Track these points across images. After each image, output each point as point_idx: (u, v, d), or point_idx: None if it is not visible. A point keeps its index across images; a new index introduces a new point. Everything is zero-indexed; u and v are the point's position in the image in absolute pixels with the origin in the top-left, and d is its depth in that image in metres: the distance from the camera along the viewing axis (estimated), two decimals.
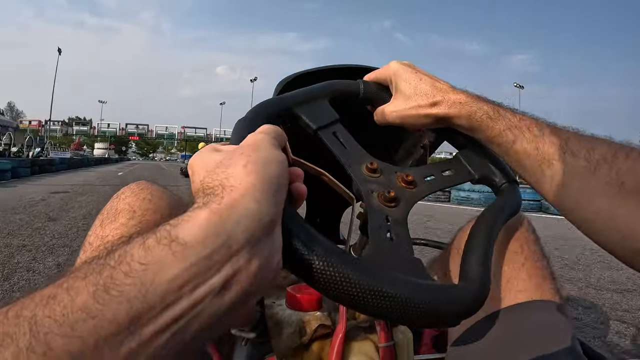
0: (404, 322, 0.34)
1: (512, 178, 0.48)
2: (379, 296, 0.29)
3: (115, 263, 0.21)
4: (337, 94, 0.50)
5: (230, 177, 0.26)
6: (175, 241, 0.22)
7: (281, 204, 0.27)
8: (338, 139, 0.46)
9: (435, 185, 0.45)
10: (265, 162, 0.27)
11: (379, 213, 0.40)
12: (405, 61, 0.52)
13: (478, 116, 0.46)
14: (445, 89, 0.49)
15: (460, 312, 0.32)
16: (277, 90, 0.62)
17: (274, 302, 0.76)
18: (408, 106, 0.49)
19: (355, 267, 0.29)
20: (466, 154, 0.51)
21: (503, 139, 0.45)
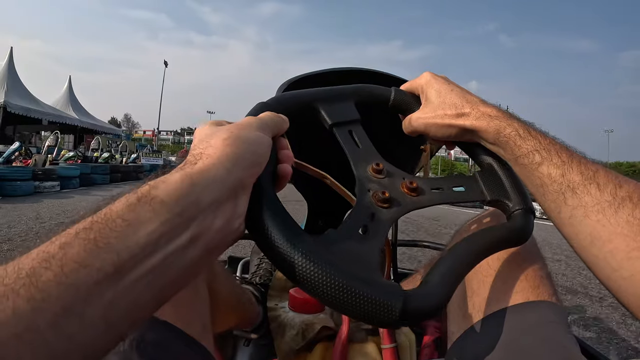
0: (332, 306, 0.32)
1: (529, 206, 0.45)
2: (301, 270, 0.30)
3: (103, 220, 0.23)
4: (366, 97, 0.51)
5: (210, 147, 0.30)
6: (154, 199, 0.25)
7: (252, 176, 0.31)
8: (352, 138, 0.47)
9: (441, 198, 0.45)
10: (245, 139, 0.31)
11: (365, 209, 0.41)
12: (440, 74, 0.52)
13: (507, 132, 0.44)
14: (476, 101, 0.48)
15: (382, 315, 0.30)
16: (280, 90, 0.62)
17: (277, 305, 0.77)
18: (434, 114, 0.48)
19: (296, 239, 0.31)
20: (485, 174, 0.48)
21: (529, 160, 0.43)
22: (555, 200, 0.40)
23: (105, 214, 0.24)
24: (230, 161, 0.29)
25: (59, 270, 0.20)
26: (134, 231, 0.23)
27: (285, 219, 0.32)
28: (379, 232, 0.38)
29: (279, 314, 0.73)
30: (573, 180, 0.39)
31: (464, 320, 0.50)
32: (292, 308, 0.74)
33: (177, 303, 0.42)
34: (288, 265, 0.30)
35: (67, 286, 0.20)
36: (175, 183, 0.26)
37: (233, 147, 0.30)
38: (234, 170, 0.29)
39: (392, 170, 0.45)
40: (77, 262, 0.21)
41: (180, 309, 0.43)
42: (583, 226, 0.38)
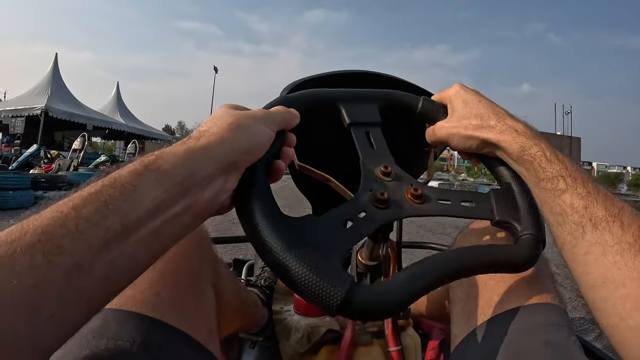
0: (284, 283, 0.33)
1: (540, 234, 0.42)
2: (262, 243, 0.32)
3: (112, 184, 0.26)
4: (393, 102, 0.51)
5: (215, 127, 0.33)
6: (159, 169, 0.28)
7: (246, 162, 0.34)
8: (369, 139, 0.47)
9: (444, 210, 0.43)
10: (246, 128, 0.34)
11: (357, 205, 0.41)
12: (471, 87, 0.51)
13: (532, 151, 0.42)
14: (503, 115, 0.46)
15: (324, 301, 0.31)
16: (284, 91, 0.62)
17: (282, 308, 0.77)
18: (459, 124, 0.47)
19: (269, 216, 0.33)
20: (500, 194, 0.46)
21: (553, 185, 0.40)
22: (573, 232, 0.37)
23: (114, 179, 0.26)
24: (228, 144, 0.32)
25: (74, 227, 0.23)
26: (139, 196, 0.26)
27: (267, 200, 0.34)
28: (362, 229, 0.38)
29: (284, 317, 0.74)
30: (596, 214, 0.36)
31: (467, 323, 0.50)
32: (297, 311, 0.75)
33: (183, 307, 0.43)
34: (257, 237, 0.32)
35: (80, 242, 0.22)
36: (178, 156, 0.29)
37: (234, 132, 0.33)
38: (230, 152, 0.32)
39: (401, 175, 0.45)
40: (89, 220, 0.23)
41: (186, 313, 0.43)
42: (597, 265, 0.35)
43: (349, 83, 0.54)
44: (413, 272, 0.35)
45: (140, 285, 0.40)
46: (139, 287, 0.40)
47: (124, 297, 0.39)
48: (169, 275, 0.43)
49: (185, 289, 0.44)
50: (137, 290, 0.40)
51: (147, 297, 0.40)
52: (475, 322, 0.48)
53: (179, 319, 0.42)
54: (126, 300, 0.39)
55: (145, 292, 0.40)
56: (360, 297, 0.31)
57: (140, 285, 0.40)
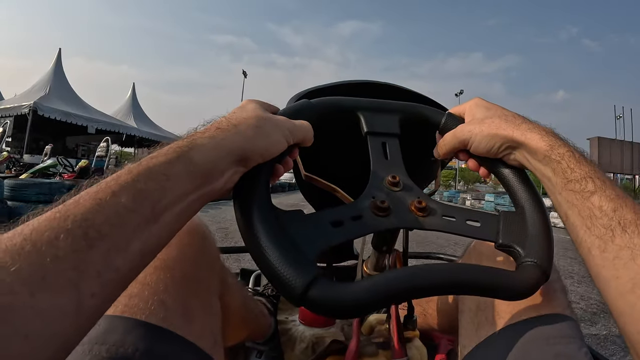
0: (259, 267, 0.34)
1: (544, 265, 0.40)
2: (245, 226, 0.35)
3: (147, 173, 0.28)
4: (414, 116, 0.51)
5: (244, 124, 0.36)
6: (191, 161, 0.31)
7: (256, 162, 0.37)
8: (384, 149, 0.48)
9: (447, 227, 0.43)
10: (268, 136, 0.37)
11: (353, 209, 0.41)
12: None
13: (562, 150, 0.41)
14: (528, 119, 0.45)
15: (285, 289, 0.32)
16: (292, 100, 0.63)
17: (287, 318, 0.77)
18: (481, 123, 0.46)
19: (259, 203, 0.35)
20: (512, 217, 0.44)
21: (582, 187, 0.38)
22: (602, 236, 0.36)
23: (149, 167, 0.29)
24: (250, 145, 0.35)
25: (112, 214, 0.25)
26: (171, 186, 0.29)
27: (262, 194, 0.37)
28: (352, 231, 0.39)
29: (289, 328, 0.73)
30: (625, 217, 0.36)
31: (476, 334, 0.49)
32: (302, 321, 0.74)
33: (189, 316, 0.43)
34: (243, 221, 0.35)
35: (118, 227, 0.25)
36: (208, 149, 0.32)
37: (257, 137, 0.36)
38: (249, 152, 0.35)
39: (410, 186, 0.45)
40: (126, 207, 0.26)
41: (192, 322, 0.43)
42: (627, 269, 0.34)
43: (358, 93, 0.54)
44: (383, 278, 0.35)
45: (146, 294, 0.41)
46: (144, 295, 0.40)
47: (130, 305, 0.39)
48: (175, 285, 0.43)
49: (192, 298, 0.44)
50: (143, 299, 0.40)
51: (153, 305, 0.40)
52: (485, 333, 0.48)
53: (185, 327, 0.42)
54: (132, 308, 0.39)
55: (150, 300, 0.40)
56: (319, 291, 0.32)
57: (146, 293, 0.41)
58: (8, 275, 0.20)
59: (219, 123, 0.36)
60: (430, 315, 0.77)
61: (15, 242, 0.21)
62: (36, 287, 0.21)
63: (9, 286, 0.20)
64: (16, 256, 0.21)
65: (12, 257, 0.21)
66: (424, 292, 0.36)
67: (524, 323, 0.45)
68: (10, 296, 0.20)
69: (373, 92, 0.55)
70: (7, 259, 0.21)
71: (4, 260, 0.20)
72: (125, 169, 0.28)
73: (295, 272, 0.32)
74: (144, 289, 0.41)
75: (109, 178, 0.27)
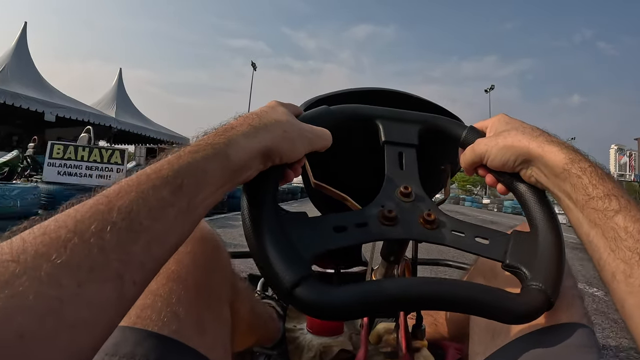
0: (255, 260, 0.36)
1: (549, 290, 0.38)
2: (247, 222, 0.36)
3: (188, 169, 0.29)
4: (435, 127, 0.51)
5: (274, 127, 0.37)
6: (227, 157, 0.32)
7: (274, 162, 0.38)
8: (400, 159, 0.47)
9: (454, 242, 0.42)
10: (294, 143, 0.39)
11: (359, 216, 0.41)
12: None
13: (584, 165, 0.38)
14: (546, 132, 0.43)
15: (275, 284, 0.33)
16: (307, 104, 0.63)
17: (295, 326, 0.77)
18: (498, 136, 0.44)
19: (265, 203, 0.37)
20: (524, 237, 0.43)
21: (605, 205, 0.36)
22: (628, 260, 0.33)
23: (189, 163, 0.30)
24: (275, 149, 0.37)
25: (155, 207, 0.26)
26: (207, 180, 0.30)
27: (269, 193, 0.38)
28: (354, 237, 0.39)
29: (297, 336, 0.73)
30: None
31: (492, 341, 0.48)
32: (310, 330, 0.74)
33: (202, 328, 0.43)
34: (247, 213, 0.37)
35: (159, 220, 0.26)
36: (243, 148, 0.33)
37: (283, 141, 0.37)
38: (274, 154, 0.37)
39: (422, 198, 0.45)
40: (166, 200, 0.27)
41: (205, 334, 0.43)
42: None
43: (368, 100, 0.54)
44: (374, 286, 0.35)
45: (159, 305, 0.41)
46: (157, 307, 0.41)
47: (142, 317, 0.39)
48: (188, 296, 0.43)
49: (204, 309, 0.45)
50: (155, 310, 0.40)
51: (165, 317, 0.40)
52: (500, 341, 0.47)
53: (197, 339, 0.42)
54: (144, 320, 0.39)
55: (163, 312, 0.40)
56: (306, 289, 0.33)
57: (159, 305, 0.41)
58: (54, 267, 0.20)
59: (252, 120, 0.37)
60: (440, 324, 0.76)
61: (60, 235, 0.22)
62: (84, 278, 0.21)
63: (56, 278, 0.20)
64: (62, 249, 0.21)
65: (57, 249, 0.21)
66: (413, 305, 0.36)
67: (541, 332, 0.44)
68: (58, 288, 0.20)
69: (390, 101, 0.55)
70: (52, 251, 0.21)
71: (48, 253, 0.21)
72: (165, 161, 0.29)
73: (286, 268, 0.33)
74: (156, 300, 0.41)
75: (150, 170, 0.28)
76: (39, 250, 0.21)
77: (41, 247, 0.21)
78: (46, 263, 0.20)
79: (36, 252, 0.21)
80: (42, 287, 0.20)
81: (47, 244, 0.21)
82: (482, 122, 0.51)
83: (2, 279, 0.19)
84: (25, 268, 0.20)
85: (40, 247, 0.21)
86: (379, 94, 0.62)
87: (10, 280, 0.19)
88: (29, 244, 0.21)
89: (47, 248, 0.21)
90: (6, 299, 0.18)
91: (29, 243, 0.21)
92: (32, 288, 0.19)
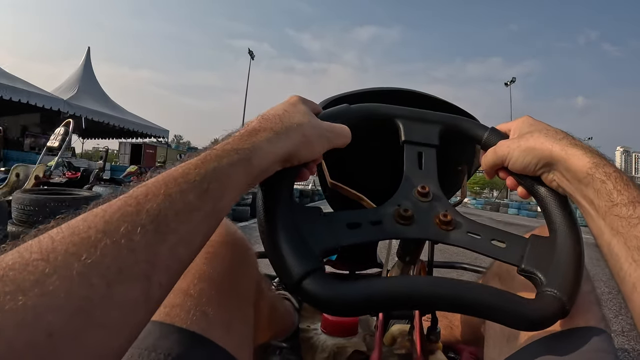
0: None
1: (565, 298, 0.37)
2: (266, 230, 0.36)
3: (215, 175, 0.30)
4: (456, 128, 0.51)
5: (294, 131, 0.38)
6: (251, 164, 0.33)
7: (293, 164, 0.39)
8: (419, 159, 0.47)
9: (469, 244, 0.41)
10: (314, 146, 0.39)
11: (375, 214, 0.41)
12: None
13: (607, 170, 0.37)
14: (570, 135, 0.42)
15: (284, 275, 0.34)
16: (325, 102, 0.63)
17: (309, 326, 0.77)
18: (520, 138, 0.44)
19: (279, 197, 0.38)
20: (542, 242, 0.42)
21: (629, 212, 0.34)
22: None
23: (215, 168, 0.30)
24: (294, 150, 0.37)
25: (181, 210, 0.27)
26: (231, 185, 0.31)
27: (285, 189, 0.39)
28: (368, 234, 0.39)
29: (310, 336, 0.74)
30: None
31: (506, 346, 0.48)
32: (324, 330, 0.74)
33: (230, 328, 0.43)
34: (263, 204, 0.38)
35: (186, 223, 0.27)
36: (266, 154, 0.34)
37: (303, 145, 0.38)
38: (292, 157, 0.38)
39: (439, 198, 0.44)
40: (192, 204, 0.27)
41: (232, 334, 0.44)
42: None
43: (387, 99, 0.54)
44: (382, 283, 0.35)
45: (189, 304, 0.41)
46: (187, 306, 0.41)
47: (172, 315, 0.40)
48: (218, 297, 0.44)
49: (233, 310, 0.45)
50: (185, 309, 0.41)
51: (195, 316, 0.41)
52: (515, 344, 0.46)
53: (225, 338, 0.42)
54: (173, 318, 0.40)
55: (192, 311, 0.41)
56: (313, 282, 0.33)
57: (189, 304, 0.41)
58: (85, 267, 0.21)
59: (274, 124, 0.37)
60: (455, 327, 0.75)
61: (90, 235, 0.22)
62: (113, 279, 0.21)
63: (86, 278, 0.20)
64: (92, 249, 0.21)
65: (87, 249, 0.21)
66: (420, 304, 0.35)
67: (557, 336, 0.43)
68: (89, 288, 0.20)
69: (408, 101, 0.55)
70: (82, 251, 0.21)
71: (79, 252, 0.21)
72: (192, 165, 0.30)
73: (295, 261, 0.34)
74: (186, 300, 0.42)
75: (177, 173, 0.29)
76: (69, 250, 0.21)
77: (71, 246, 0.21)
78: (77, 262, 0.20)
79: (66, 252, 0.21)
80: (72, 286, 0.20)
81: (77, 243, 0.21)
82: (506, 124, 0.50)
83: (32, 278, 0.19)
84: (55, 267, 0.20)
85: (70, 246, 0.21)
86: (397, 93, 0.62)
87: (41, 279, 0.19)
88: (59, 243, 0.21)
89: (77, 248, 0.21)
90: (36, 298, 0.19)
91: (58, 242, 0.21)
92: (62, 287, 0.19)
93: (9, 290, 0.18)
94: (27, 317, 0.18)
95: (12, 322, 0.18)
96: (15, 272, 0.19)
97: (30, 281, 0.19)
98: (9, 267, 0.19)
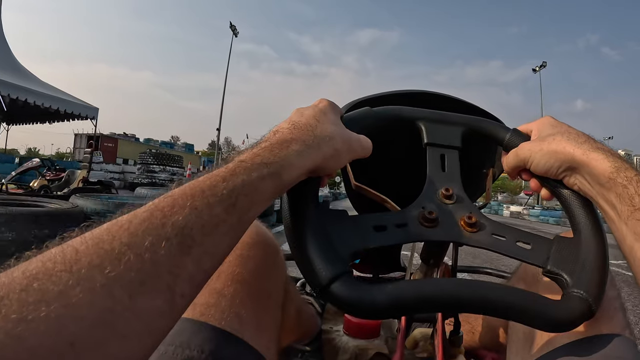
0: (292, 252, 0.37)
1: (592, 299, 0.36)
2: (292, 230, 0.37)
3: (242, 188, 0.29)
4: (478, 130, 0.51)
5: (325, 145, 0.37)
6: (279, 178, 0.32)
7: (316, 175, 0.38)
8: (442, 161, 0.47)
9: (495, 246, 0.41)
10: (340, 157, 0.39)
11: (400, 217, 0.41)
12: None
13: (629, 174, 0.36)
14: (592, 138, 0.42)
15: (311, 278, 0.34)
16: (348, 106, 0.63)
17: (332, 328, 0.78)
18: (542, 140, 0.43)
19: (308, 199, 0.38)
20: (565, 243, 0.42)
21: None
22: None
23: (244, 181, 0.30)
24: (323, 163, 0.37)
25: (207, 223, 0.26)
26: (259, 199, 0.31)
27: (311, 193, 0.39)
28: (393, 237, 0.39)
29: (333, 337, 0.74)
30: None
31: (530, 351, 0.47)
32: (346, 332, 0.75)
33: (261, 329, 0.45)
34: (288, 206, 0.38)
35: (211, 235, 0.27)
36: (296, 169, 0.34)
37: (331, 159, 0.38)
38: (319, 169, 0.37)
39: (463, 199, 0.45)
40: (219, 217, 0.27)
41: (263, 336, 0.45)
42: None
43: (404, 102, 0.54)
44: (410, 285, 0.35)
45: (223, 305, 0.43)
46: (221, 306, 0.42)
47: (207, 315, 0.41)
48: (251, 299, 0.45)
49: (265, 312, 0.46)
50: (219, 309, 0.42)
51: (229, 316, 0.42)
52: (538, 351, 0.46)
53: (256, 339, 0.43)
54: (208, 317, 0.41)
55: (227, 311, 0.42)
56: (342, 286, 0.33)
57: (223, 304, 0.43)
58: (108, 279, 0.21)
59: (306, 135, 0.37)
60: (478, 332, 0.75)
61: (114, 247, 0.22)
62: (135, 291, 0.22)
63: (108, 290, 0.21)
64: (116, 261, 0.22)
65: (111, 262, 0.21)
66: (448, 306, 0.36)
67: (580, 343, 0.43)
68: (111, 299, 0.21)
69: (430, 103, 0.55)
70: (105, 264, 0.21)
71: (102, 265, 0.21)
72: (220, 176, 0.29)
73: (323, 264, 0.34)
74: (220, 300, 0.43)
75: (204, 185, 0.28)
76: (93, 262, 0.21)
77: (95, 258, 0.21)
78: (100, 275, 0.21)
79: (90, 264, 0.21)
80: (95, 298, 0.20)
81: (101, 255, 0.22)
82: (527, 124, 0.50)
83: (56, 289, 0.19)
84: (78, 279, 0.20)
85: (94, 258, 0.21)
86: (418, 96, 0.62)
87: (64, 291, 0.19)
88: (82, 254, 0.21)
89: (100, 260, 0.21)
90: (60, 309, 0.19)
91: (82, 254, 0.21)
92: (85, 299, 0.20)
93: (32, 301, 0.19)
94: (50, 327, 0.18)
95: (35, 332, 0.18)
96: (40, 283, 0.19)
97: (54, 292, 0.19)
98: (34, 277, 0.20)
